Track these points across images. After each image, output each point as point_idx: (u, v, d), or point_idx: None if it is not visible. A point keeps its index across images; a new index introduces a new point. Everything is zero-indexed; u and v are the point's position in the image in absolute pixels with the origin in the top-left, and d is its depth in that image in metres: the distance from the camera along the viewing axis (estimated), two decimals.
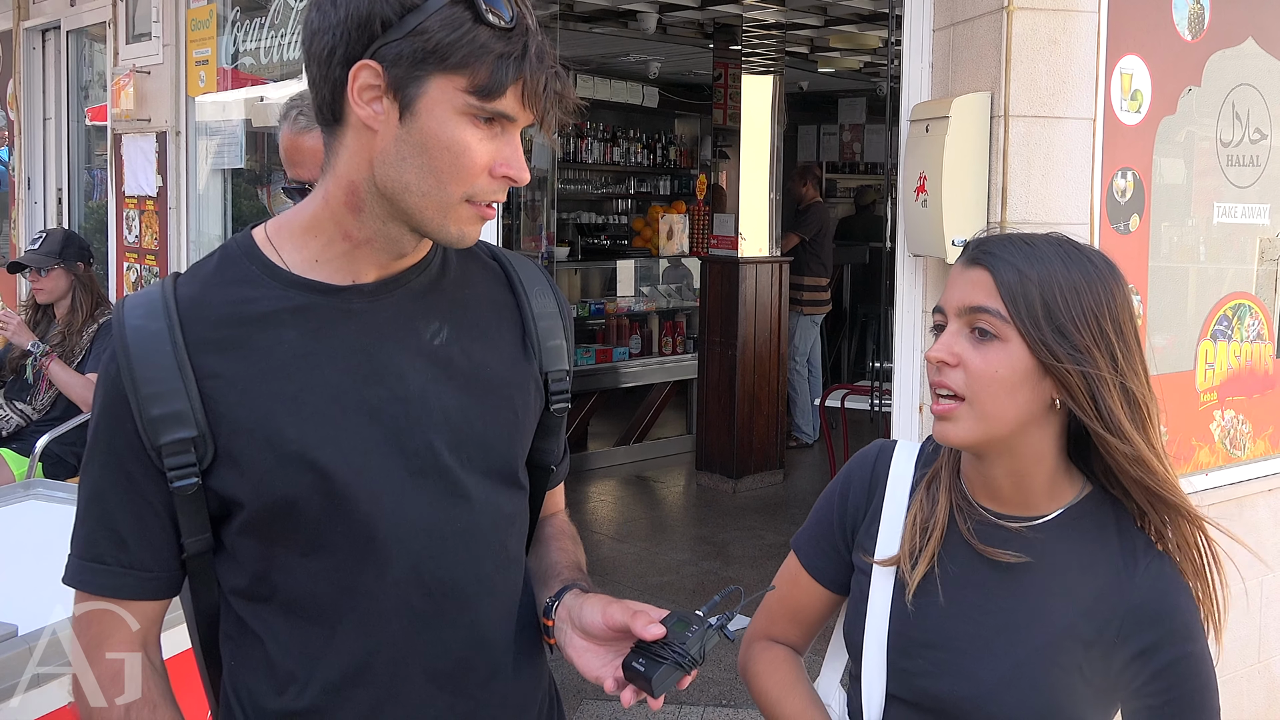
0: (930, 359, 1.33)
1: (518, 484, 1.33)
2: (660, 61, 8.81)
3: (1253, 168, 3.35)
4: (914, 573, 1.37)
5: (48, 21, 6.19)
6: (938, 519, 1.39)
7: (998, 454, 1.34)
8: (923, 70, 3.13)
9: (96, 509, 1.21)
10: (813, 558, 1.53)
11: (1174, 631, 1.32)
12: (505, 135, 1.15)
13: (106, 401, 1.18)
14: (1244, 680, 3.39)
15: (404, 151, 1.14)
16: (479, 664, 1.26)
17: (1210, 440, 3.29)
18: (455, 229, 1.17)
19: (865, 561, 1.44)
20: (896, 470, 1.48)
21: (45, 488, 2.87)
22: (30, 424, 4.16)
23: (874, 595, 1.42)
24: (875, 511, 1.47)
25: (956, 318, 1.33)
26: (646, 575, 5.07)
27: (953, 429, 1.31)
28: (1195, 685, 1.33)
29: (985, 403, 1.29)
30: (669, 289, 7.84)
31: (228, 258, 1.24)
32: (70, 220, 6.24)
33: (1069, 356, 1.27)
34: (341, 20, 1.12)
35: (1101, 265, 1.33)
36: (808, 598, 1.54)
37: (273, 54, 4.60)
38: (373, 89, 1.12)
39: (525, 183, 1.17)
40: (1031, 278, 1.29)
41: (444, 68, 1.10)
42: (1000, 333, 1.29)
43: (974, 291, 1.31)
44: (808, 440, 7.51)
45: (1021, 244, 1.32)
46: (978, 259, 1.33)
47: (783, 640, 1.57)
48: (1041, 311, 1.28)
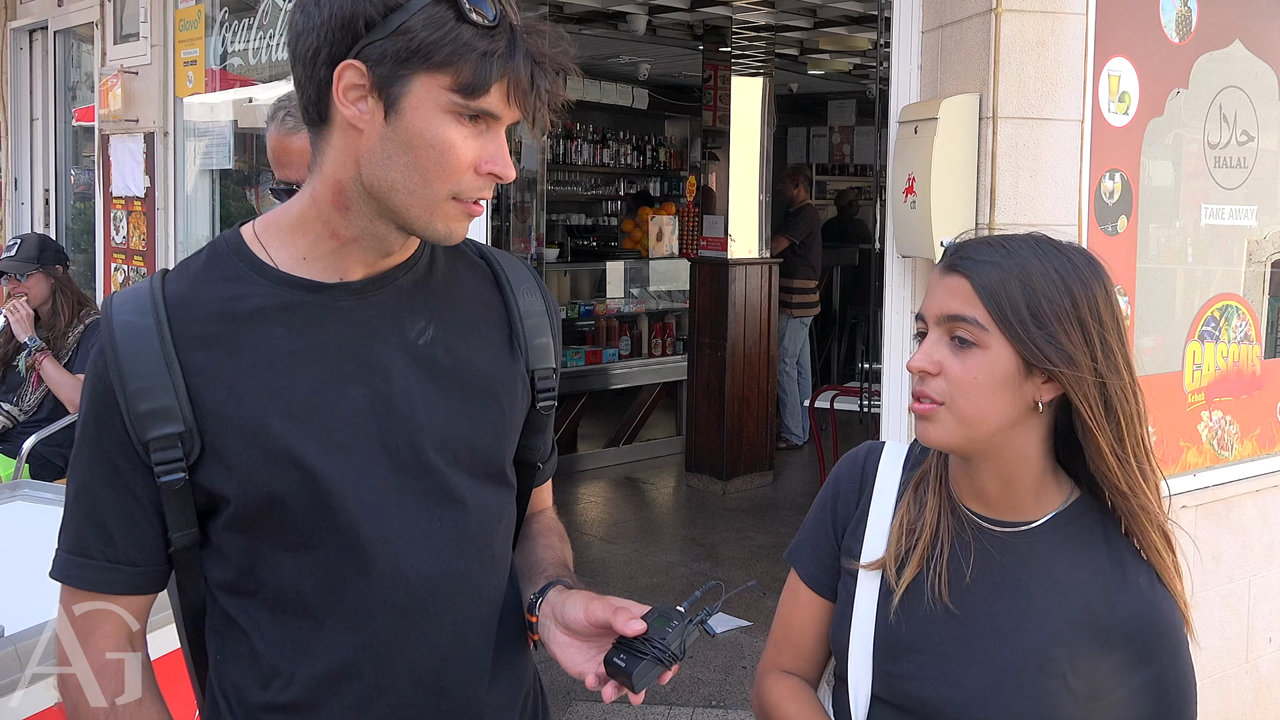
0: (911, 369, 1.33)
1: (504, 481, 1.33)
2: (650, 63, 8.82)
3: (1240, 169, 3.36)
4: (900, 578, 1.37)
5: (35, 22, 6.17)
6: (925, 522, 1.38)
7: (982, 456, 1.35)
8: (911, 72, 3.14)
9: (84, 503, 1.21)
10: (811, 569, 1.50)
11: (1162, 644, 1.32)
12: (490, 133, 1.16)
13: (94, 396, 1.19)
14: (1232, 680, 3.40)
15: (389, 150, 1.14)
16: (463, 661, 1.27)
17: (1198, 441, 3.30)
18: (442, 226, 1.18)
19: (851, 565, 1.44)
20: (884, 471, 1.48)
21: (32, 489, 2.85)
22: (16, 425, 4.15)
23: (859, 598, 1.41)
24: (862, 513, 1.46)
25: (936, 326, 1.33)
26: (636, 576, 5.07)
27: (933, 429, 1.32)
28: (1178, 700, 1.33)
29: (965, 408, 1.29)
30: (659, 290, 7.84)
31: (216, 255, 1.24)
32: (57, 221, 6.21)
33: (1053, 353, 1.27)
34: (326, 21, 1.13)
35: (1080, 262, 1.32)
36: (810, 615, 1.50)
37: (261, 55, 4.58)
38: (357, 89, 1.13)
39: (511, 179, 1.18)
40: (1009, 279, 1.28)
41: (428, 66, 1.11)
42: (979, 340, 1.29)
43: (951, 299, 1.31)
44: (797, 442, 7.51)
45: (998, 246, 1.32)
46: (954, 265, 1.33)
47: (793, 670, 1.53)
48: (1022, 311, 1.27)
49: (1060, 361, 1.27)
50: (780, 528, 5.78)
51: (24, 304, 4.16)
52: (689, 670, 4.00)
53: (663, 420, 7.70)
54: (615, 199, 10.60)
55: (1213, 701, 3.34)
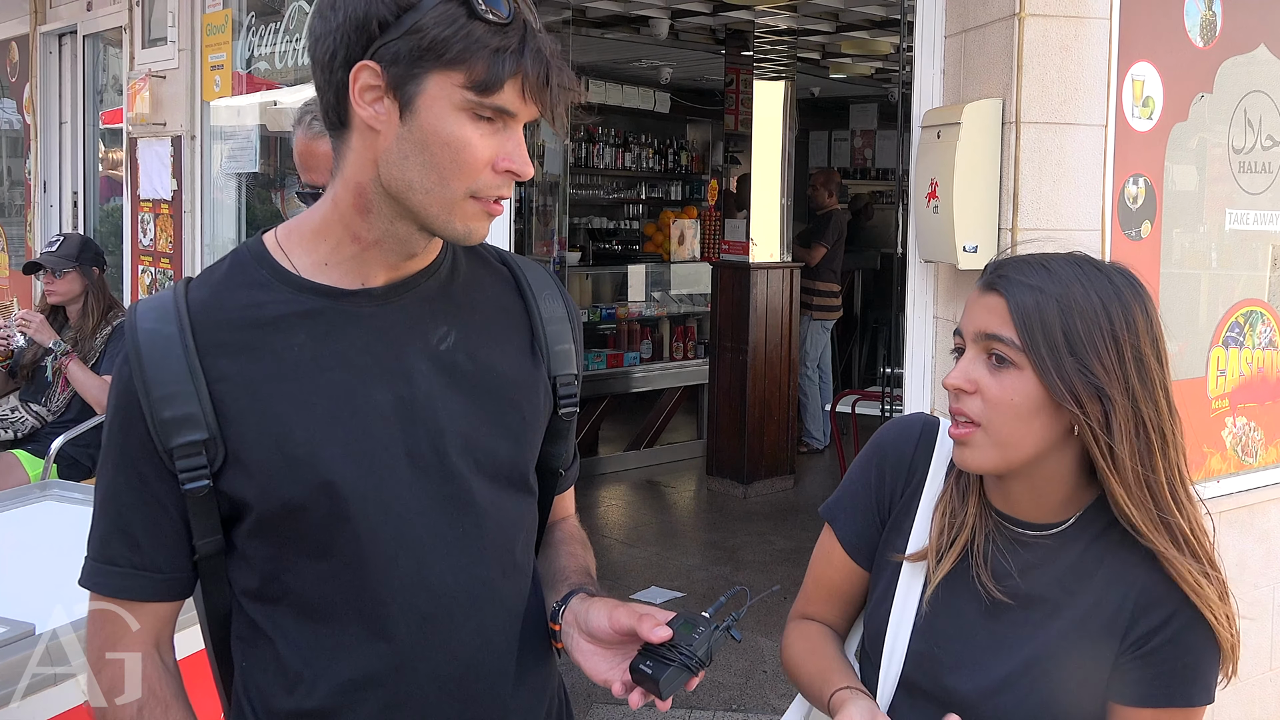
0: (948, 386, 1.32)
1: (526, 488, 1.33)
2: (672, 67, 8.82)
3: (1265, 174, 3.34)
4: (938, 569, 1.38)
5: (64, 26, 6.24)
6: (967, 514, 1.39)
7: (1015, 476, 1.35)
8: (934, 76, 3.13)
9: (111, 511, 1.22)
10: (848, 535, 1.50)
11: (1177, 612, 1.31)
12: (508, 130, 1.15)
13: (119, 405, 1.20)
14: (1257, 687, 3.38)
15: (406, 150, 1.15)
16: (486, 668, 1.26)
17: (1222, 447, 3.28)
18: (461, 225, 1.18)
19: (896, 558, 1.44)
20: (939, 455, 1.45)
21: (60, 488, 2.88)
22: (45, 425, 4.19)
23: (902, 587, 1.42)
24: (911, 496, 1.45)
25: (974, 343, 1.32)
26: (657, 580, 5.07)
27: (971, 454, 1.32)
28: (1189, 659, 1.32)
29: (1001, 430, 1.29)
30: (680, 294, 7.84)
31: (239, 262, 1.25)
32: (85, 223, 6.27)
33: (1082, 386, 1.26)
34: (341, 24, 1.14)
35: (1122, 285, 1.31)
36: (841, 576, 1.52)
37: (287, 59, 4.62)
38: (374, 89, 1.14)
39: (528, 177, 1.17)
40: (1047, 304, 1.27)
41: (441, 64, 1.11)
42: (1016, 360, 1.28)
43: (989, 318, 1.30)
44: (818, 446, 7.50)
45: (1039, 267, 1.30)
46: (993, 284, 1.31)
47: (819, 619, 1.56)
48: (1056, 339, 1.26)
49: (1086, 396, 1.26)
50: (801, 532, 5.77)
51: (31, 312, 4.18)
52: (710, 674, 3.99)
53: (684, 424, 7.70)
54: (637, 202, 10.60)
55: (1237, 709, 3.32)
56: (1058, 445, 1.31)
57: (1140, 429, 1.28)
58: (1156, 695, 1.32)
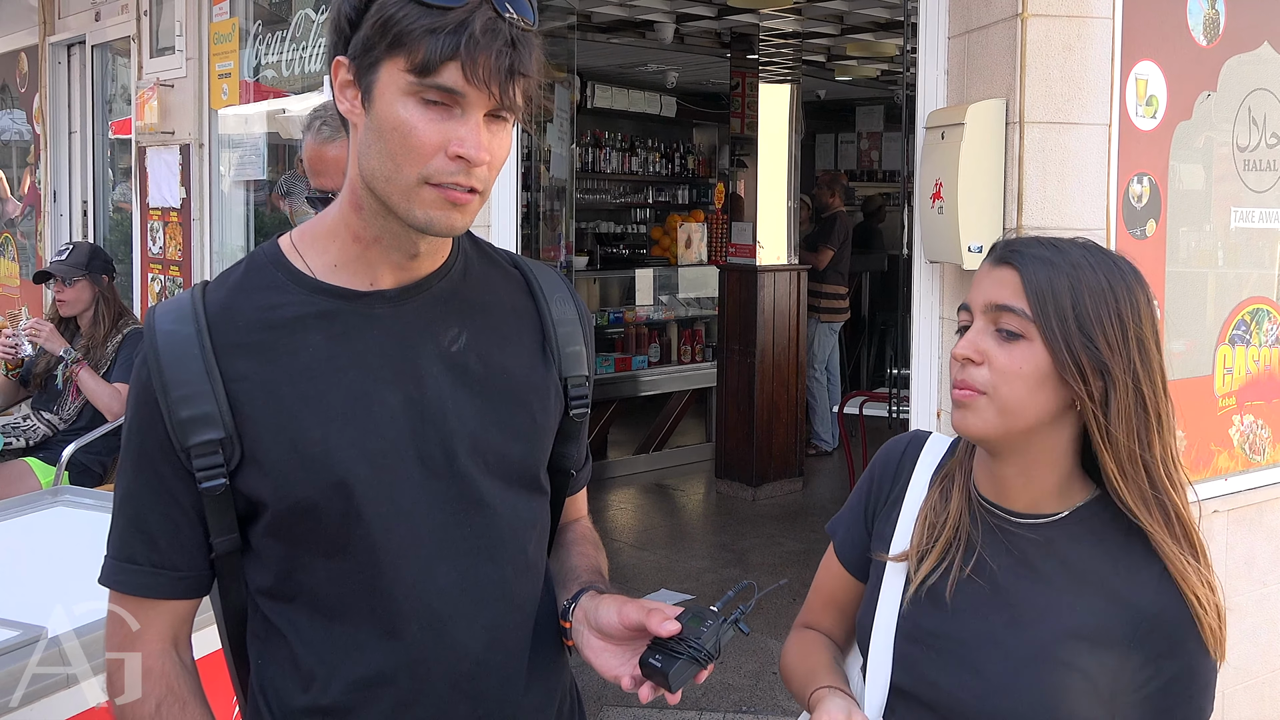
0: (956, 356, 1.34)
1: (538, 489, 1.34)
2: (678, 71, 8.85)
3: (1270, 172, 3.34)
4: (919, 570, 1.39)
5: (73, 36, 6.27)
6: (950, 517, 1.40)
7: (1012, 450, 1.36)
8: (938, 78, 3.14)
9: (130, 510, 1.24)
10: (844, 546, 1.56)
11: (1185, 639, 1.32)
12: (463, 116, 1.14)
13: (138, 405, 1.22)
14: (1266, 685, 3.38)
15: (369, 139, 1.17)
16: (498, 667, 1.27)
17: (1229, 445, 3.28)
18: (421, 213, 1.16)
19: (879, 557, 1.46)
20: (924, 463, 1.49)
21: (72, 494, 2.90)
22: (57, 434, 4.21)
23: (885, 587, 1.43)
24: (895, 502, 1.48)
25: (982, 315, 1.34)
26: (666, 582, 5.08)
27: (972, 418, 1.33)
28: (1195, 689, 1.34)
29: (1007, 398, 1.30)
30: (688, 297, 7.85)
31: (254, 265, 1.27)
32: (95, 232, 6.31)
33: (1088, 360, 1.29)
34: (328, 29, 1.20)
35: (1128, 271, 1.34)
36: (839, 585, 1.57)
37: (294, 67, 4.64)
38: (349, 85, 1.18)
39: (482, 163, 1.14)
40: (1058, 279, 1.30)
41: (389, 51, 1.13)
42: (1025, 332, 1.30)
43: (1000, 290, 1.33)
44: (827, 448, 7.50)
45: (1050, 245, 1.34)
46: (1005, 258, 1.34)
47: (819, 628, 1.60)
48: (1066, 313, 1.29)
49: (1090, 370, 1.28)
50: (810, 534, 5.77)
51: (41, 321, 4.21)
52: (720, 675, 4.01)
53: (692, 427, 7.71)
54: (644, 206, 10.62)
55: (1246, 707, 3.32)
56: (1055, 420, 1.33)
57: (1139, 408, 1.30)
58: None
